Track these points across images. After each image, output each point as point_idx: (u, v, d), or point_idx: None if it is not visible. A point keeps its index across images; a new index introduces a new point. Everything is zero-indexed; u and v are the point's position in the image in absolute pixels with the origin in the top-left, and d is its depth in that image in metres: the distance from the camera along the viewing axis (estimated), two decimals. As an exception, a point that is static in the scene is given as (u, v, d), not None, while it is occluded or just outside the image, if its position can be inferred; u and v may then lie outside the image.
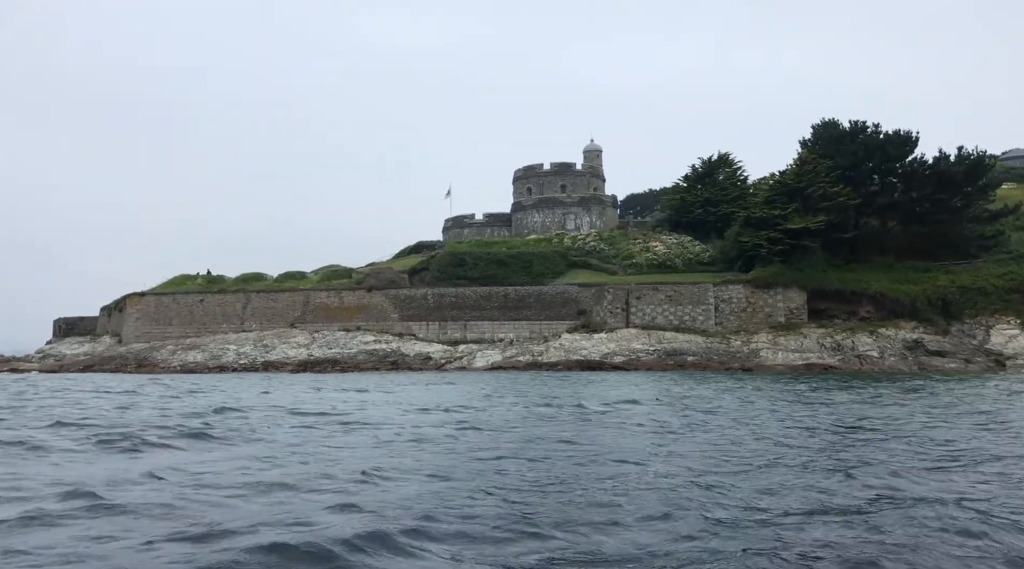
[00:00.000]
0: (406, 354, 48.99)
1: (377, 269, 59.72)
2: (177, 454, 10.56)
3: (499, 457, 10.13)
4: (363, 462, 9.62)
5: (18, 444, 11.12)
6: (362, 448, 11.22)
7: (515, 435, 12.76)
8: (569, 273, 57.10)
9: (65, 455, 10.39)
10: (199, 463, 9.63)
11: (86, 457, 10.27)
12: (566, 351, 47.00)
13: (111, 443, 11.31)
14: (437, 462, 9.76)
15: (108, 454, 10.54)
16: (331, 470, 9.03)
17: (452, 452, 10.78)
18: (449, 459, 10.05)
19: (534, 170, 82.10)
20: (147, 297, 58.00)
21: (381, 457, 10.19)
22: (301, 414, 16.35)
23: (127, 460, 10.02)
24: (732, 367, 41.48)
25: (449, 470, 9.09)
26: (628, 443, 11.75)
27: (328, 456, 10.27)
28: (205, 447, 11.35)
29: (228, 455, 10.46)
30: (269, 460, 9.91)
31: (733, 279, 50.54)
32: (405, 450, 10.96)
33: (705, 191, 61.21)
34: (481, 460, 9.92)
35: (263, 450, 10.87)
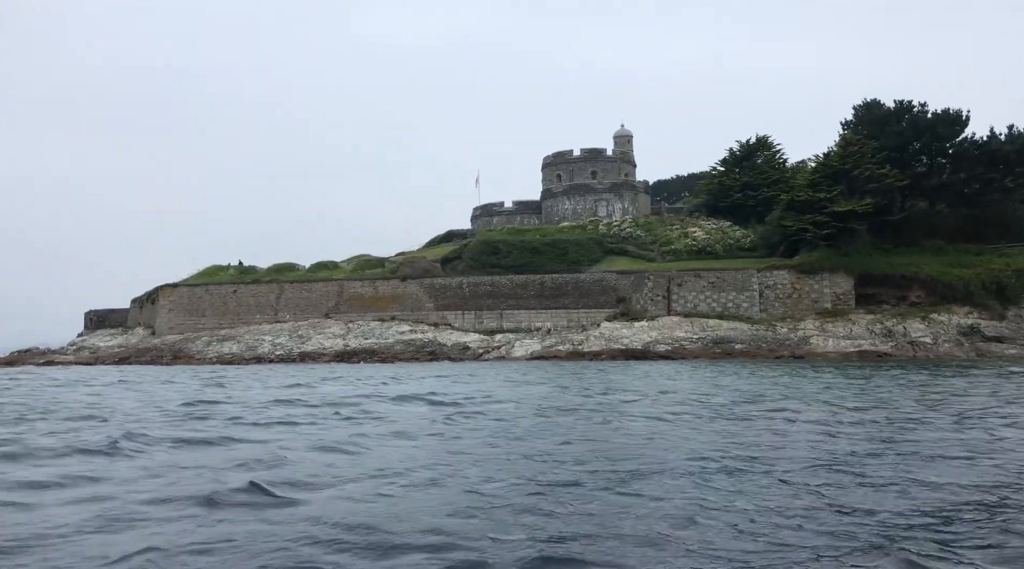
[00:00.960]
0: (443, 344, 48.14)
1: (411, 258, 58.91)
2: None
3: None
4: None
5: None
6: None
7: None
8: (605, 260, 55.97)
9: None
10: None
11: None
12: (607, 340, 45.94)
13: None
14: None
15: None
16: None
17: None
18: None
19: (564, 156, 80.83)
20: (180, 288, 57.55)
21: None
22: (495, 401, 15.39)
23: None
24: (782, 355, 40.25)
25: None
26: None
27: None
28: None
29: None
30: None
31: (777, 264, 49.21)
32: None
33: (744, 175, 59.78)
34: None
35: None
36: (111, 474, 8.47)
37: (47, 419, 14.41)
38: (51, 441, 10.97)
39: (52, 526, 6.15)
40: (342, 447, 10.30)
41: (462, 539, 5.64)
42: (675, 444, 10.44)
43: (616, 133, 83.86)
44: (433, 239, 72.99)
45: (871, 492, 7.28)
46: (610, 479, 7.92)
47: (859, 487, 7.53)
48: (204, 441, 11.02)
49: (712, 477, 8.05)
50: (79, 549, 5.56)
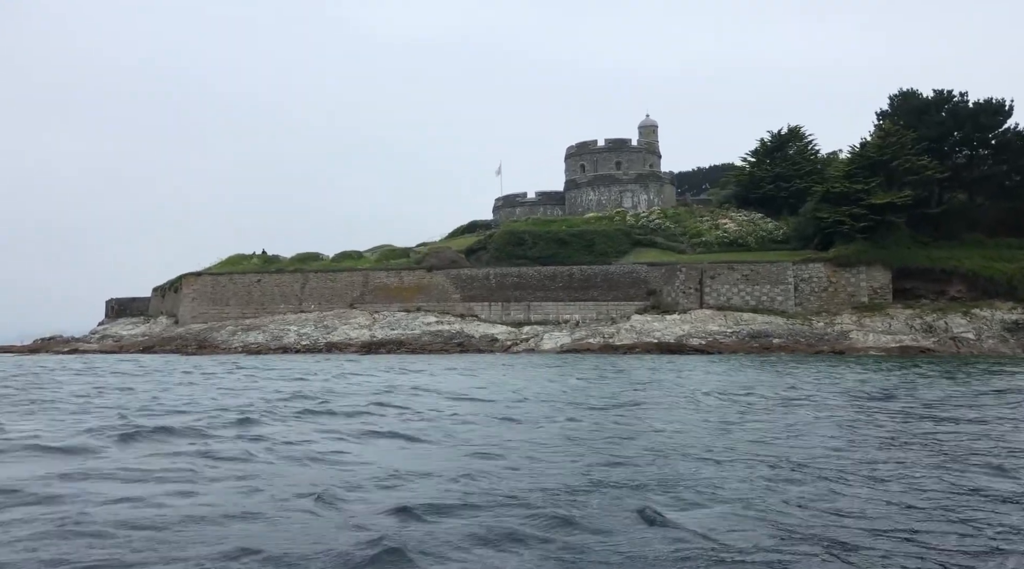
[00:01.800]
0: (471, 335, 47.37)
1: (436, 249, 58.13)
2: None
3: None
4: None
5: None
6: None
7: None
8: (633, 252, 55.02)
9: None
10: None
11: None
12: (638, 333, 45.04)
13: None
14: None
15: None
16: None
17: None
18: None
19: (588, 147, 79.75)
20: (203, 277, 57.02)
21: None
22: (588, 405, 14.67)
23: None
24: (821, 350, 39.22)
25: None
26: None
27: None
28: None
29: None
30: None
31: (813, 257, 48.09)
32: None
33: (776, 166, 58.52)
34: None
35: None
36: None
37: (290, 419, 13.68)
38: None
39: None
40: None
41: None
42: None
43: (641, 123, 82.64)
44: (456, 229, 72.22)
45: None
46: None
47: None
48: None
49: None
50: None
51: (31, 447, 9.68)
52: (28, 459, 8.97)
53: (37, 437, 10.51)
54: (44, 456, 9.17)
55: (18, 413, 13.67)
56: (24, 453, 9.30)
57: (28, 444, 9.86)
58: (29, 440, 10.21)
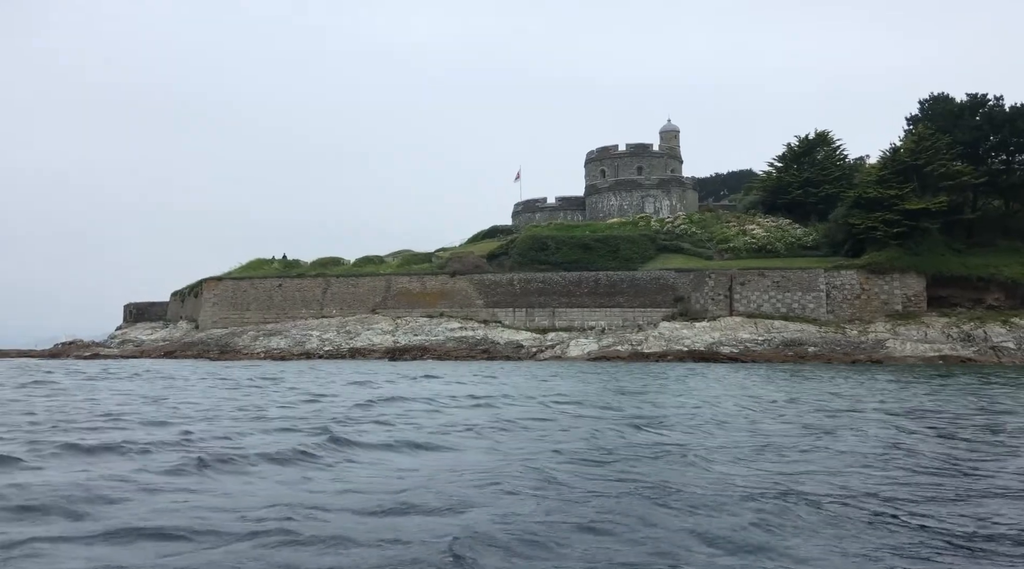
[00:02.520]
0: (496, 342, 46.67)
1: (458, 253, 57.46)
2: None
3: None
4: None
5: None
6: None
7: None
8: (659, 258, 54.18)
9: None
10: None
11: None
12: (666, 340, 44.21)
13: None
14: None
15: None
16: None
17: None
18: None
19: (608, 151, 79.01)
20: (224, 282, 56.58)
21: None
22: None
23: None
24: (858, 359, 38.28)
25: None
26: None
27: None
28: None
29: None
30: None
31: (845, 264, 47.15)
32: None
33: (804, 171, 57.58)
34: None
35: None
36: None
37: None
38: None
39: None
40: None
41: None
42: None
43: (663, 128, 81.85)
44: (476, 234, 71.53)
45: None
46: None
47: None
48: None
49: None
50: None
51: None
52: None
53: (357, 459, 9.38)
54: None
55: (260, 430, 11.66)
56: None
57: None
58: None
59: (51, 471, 8.00)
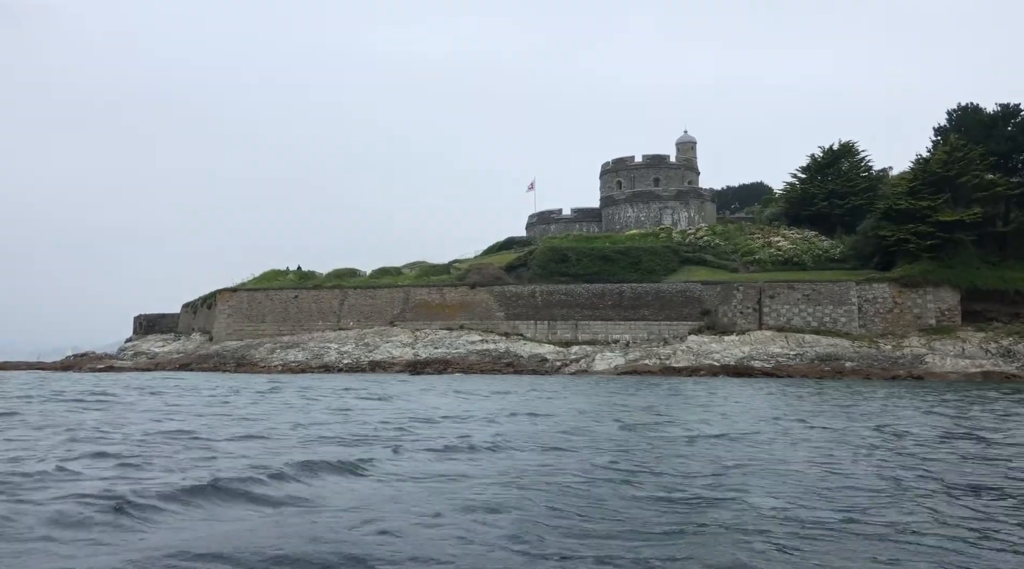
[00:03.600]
0: (519, 355, 45.56)
1: (477, 265, 56.39)
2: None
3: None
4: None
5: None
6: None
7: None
8: (682, 270, 53.07)
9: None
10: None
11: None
12: (695, 355, 43.11)
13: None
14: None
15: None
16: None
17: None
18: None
19: (624, 163, 78.16)
20: (239, 293, 55.55)
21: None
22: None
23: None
24: (897, 375, 37.12)
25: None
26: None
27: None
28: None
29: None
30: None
31: (877, 277, 46.02)
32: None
33: (829, 182, 56.55)
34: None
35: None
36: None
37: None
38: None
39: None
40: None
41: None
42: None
43: (679, 139, 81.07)
44: (492, 246, 70.51)
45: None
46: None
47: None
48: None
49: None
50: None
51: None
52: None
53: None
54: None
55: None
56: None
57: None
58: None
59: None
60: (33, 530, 5.70)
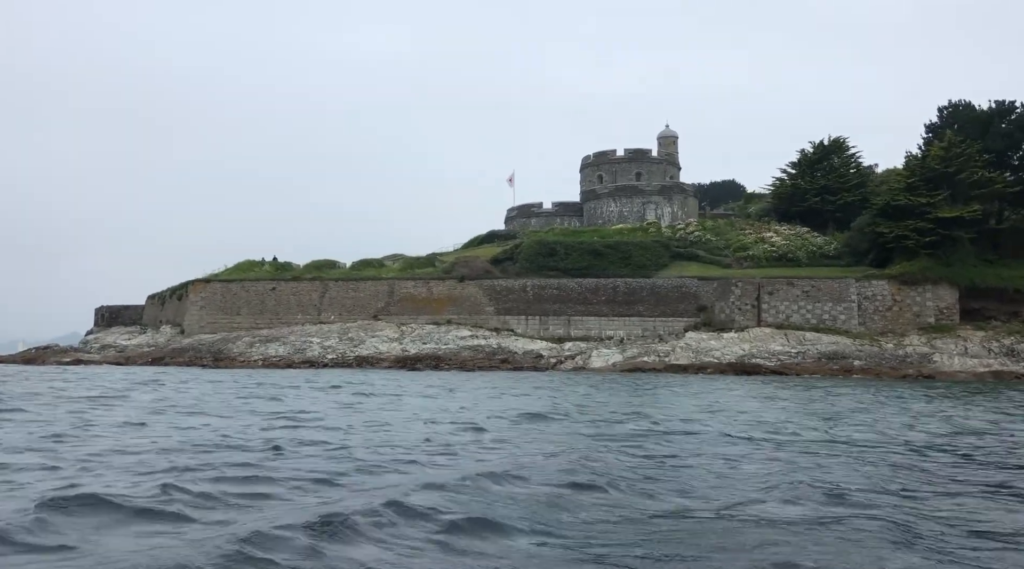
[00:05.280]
0: (514, 351, 43.92)
1: (465, 258, 54.55)
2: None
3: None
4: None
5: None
6: None
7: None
8: (674, 265, 51.87)
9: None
10: None
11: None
12: (694, 352, 41.93)
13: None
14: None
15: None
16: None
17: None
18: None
19: (606, 156, 76.92)
20: (213, 284, 52.92)
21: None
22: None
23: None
24: (907, 374, 36.33)
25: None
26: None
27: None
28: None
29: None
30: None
31: (876, 274, 45.33)
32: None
33: (821, 178, 55.88)
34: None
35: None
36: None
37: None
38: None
39: None
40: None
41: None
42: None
43: (660, 134, 79.98)
44: (473, 239, 68.60)
45: None
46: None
47: None
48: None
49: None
50: None
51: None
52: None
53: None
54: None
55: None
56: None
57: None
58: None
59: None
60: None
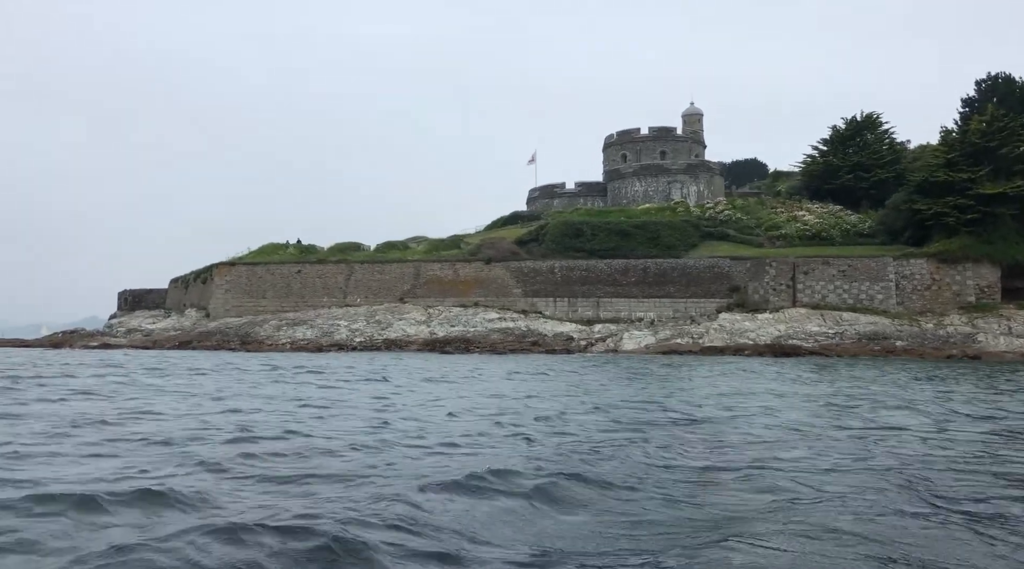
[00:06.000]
0: (544, 334, 43.24)
1: (491, 239, 53.83)
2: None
3: None
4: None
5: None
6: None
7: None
8: (703, 245, 50.99)
9: None
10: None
11: None
12: (728, 333, 41.08)
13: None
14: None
15: None
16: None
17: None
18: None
19: (630, 135, 75.72)
20: (238, 267, 52.52)
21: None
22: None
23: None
24: (951, 354, 35.33)
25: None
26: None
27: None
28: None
29: None
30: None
31: (915, 253, 44.23)
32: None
33: (854, 155, 54.60)
34: None
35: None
36: None
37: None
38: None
39: None
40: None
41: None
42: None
43: (685, 111, 78.69)
44: (496, 221, 67.84)
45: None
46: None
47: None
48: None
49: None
50: None
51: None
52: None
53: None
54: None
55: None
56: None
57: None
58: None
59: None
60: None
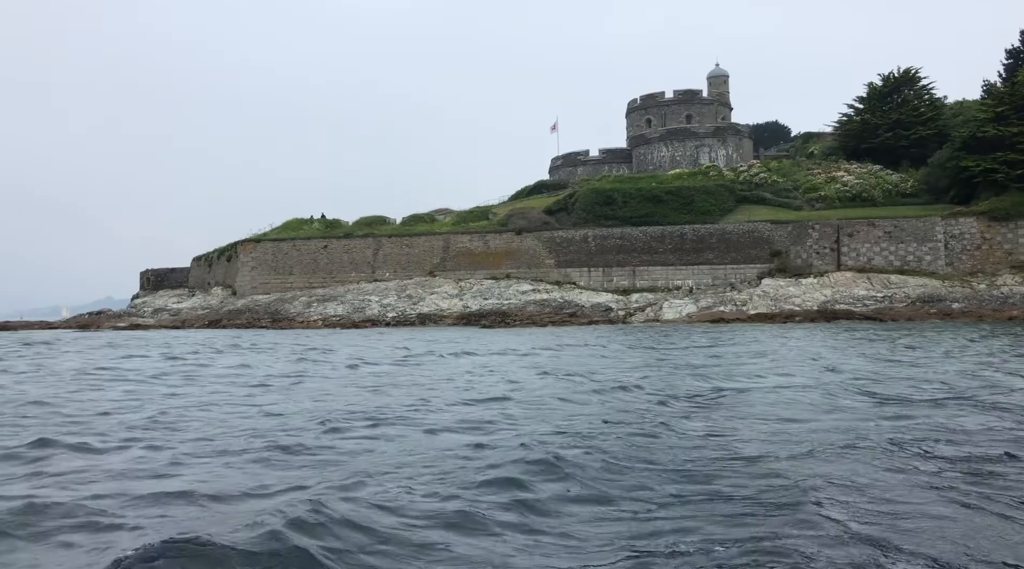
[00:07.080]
0: (581, 304, 42.11)
1: (520, 209, 52.55)
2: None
3: None
4: None
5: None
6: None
7: None
8: (740, 210, 49.49)
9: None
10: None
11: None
12: (772, 299, 39.85)
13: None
14: None
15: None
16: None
17: None
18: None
19: (655, 99, 73.99)
20: (263, 244, 51.56)
21: None
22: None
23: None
24: (1013, 315, 33.97)
25: None
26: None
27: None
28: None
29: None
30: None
31: (964, 212, 42.62)
32: None
33: (892, 112, 52.72)
34: None
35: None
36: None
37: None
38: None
39: None
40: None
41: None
42: None
43: (711, 73, 76.77)
44: (521, 190, 66.48)
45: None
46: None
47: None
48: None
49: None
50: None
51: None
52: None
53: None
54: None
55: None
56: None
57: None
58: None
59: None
60: None
